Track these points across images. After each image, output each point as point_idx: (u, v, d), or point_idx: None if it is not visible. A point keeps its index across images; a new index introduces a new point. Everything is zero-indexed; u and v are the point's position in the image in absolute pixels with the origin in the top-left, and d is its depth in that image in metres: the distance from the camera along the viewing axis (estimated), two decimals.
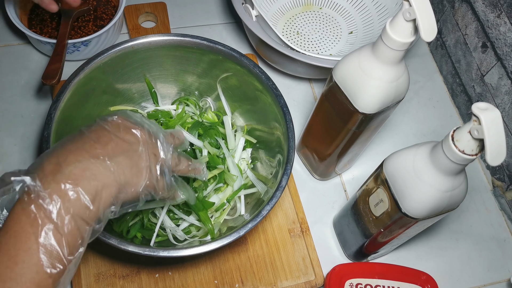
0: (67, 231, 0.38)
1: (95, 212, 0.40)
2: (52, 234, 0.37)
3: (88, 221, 0.40)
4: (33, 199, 0.37)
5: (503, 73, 0.72)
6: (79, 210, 0.39)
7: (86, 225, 0.39)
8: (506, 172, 0.75)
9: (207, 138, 0.65)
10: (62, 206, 0.38)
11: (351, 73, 0.53)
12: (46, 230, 0.37)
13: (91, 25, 0.80)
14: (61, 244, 0.37)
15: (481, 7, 0.74)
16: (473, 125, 0.41)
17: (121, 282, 0.63)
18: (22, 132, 0.73)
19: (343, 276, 0.61)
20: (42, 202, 0.37)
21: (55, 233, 0.37)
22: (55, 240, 0.37)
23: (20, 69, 0.78)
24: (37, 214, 0.37)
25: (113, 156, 0.42)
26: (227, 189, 0.64)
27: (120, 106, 0.68)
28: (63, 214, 0.38)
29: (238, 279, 0.65)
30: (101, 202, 0.40)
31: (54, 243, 0.37)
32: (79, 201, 0.39)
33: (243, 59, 0.63)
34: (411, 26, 0.46)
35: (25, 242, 0.37)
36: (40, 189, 0.38)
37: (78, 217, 0.39)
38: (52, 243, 0.37)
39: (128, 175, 0.43)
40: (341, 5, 0.88)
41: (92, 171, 0.40)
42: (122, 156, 0.43)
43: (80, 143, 0.42)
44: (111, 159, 0.42)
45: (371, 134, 0.63)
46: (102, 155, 0.42)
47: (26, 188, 0.38)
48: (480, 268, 0.72)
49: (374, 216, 0.57)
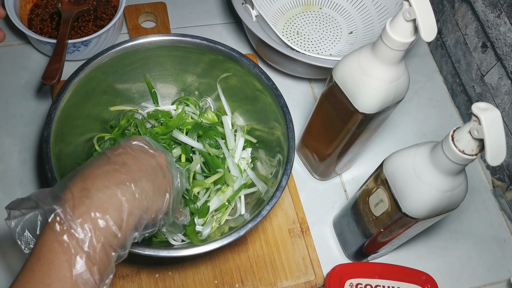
0: (99, 259, 0.38)
1: (122, 239, 0.41)
2: (85, 263, 0.38)
3: (115, 248, 0.40)
4: (66, 229, 0.38)
5: (503, 73, 0.72)
6: (108, 238, 0.39)
7: (114, 252, 0.40)
8: (506, 172, 0.75)
9: (206, 139, 0.65)
10: (93, 235, 0.38)
11: (351, 73, 0.53)
12: (79, 259, 0.37)
13: (91, 25, 0.80)
14: (93, 272, 0.38)
15: (481, 7, 0.74)
16: (473, 125, 0.41)
17: (121, 282, 0.63)
18: (22, 132, 0.73)
19: (343, 276, 0.61)
20: (74, 232, 0.38)
21: (88, 262, 0.38)
22: (88, 269, 0.38)
23: (20, 69, 0.78)
24: (69, 243, 0.37)
25: (137, 180, 0.43)
26: (227, 190, 0.64)
27: (120, 106, 0.68)
28: (94, 243, 0.38)
29: (238, 279, 0.65)
30: (127, 229, 0.41)
31: (88, 272, 0.38)
32: (109, 229, 0.39)
33: (243, 59, 0.63)
34: (411, 26, 0.46)
35: (60, 271, 0.37)
36: (72, 219, 0.38)
37: (107, 245, 0.39)
38: (85, 272, 0.38)
39: (150, 200, 0.44)
40: (341, 5, 0.88)
41: (119, 198, 0.41)
42: (145, 180, 0.43)
43: (106, 168, 0.42)
44: (136, 185, 0.42)
45: (371, 134, 0.63)
46: (128, 180, 0.42)
47: (57, 218, 0.38)
48: (480, 268, 0.72)
49: (374, 216, 0.57)
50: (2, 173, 0.69)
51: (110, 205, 0.40)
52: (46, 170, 0.55)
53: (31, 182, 0.69)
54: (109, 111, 0.68)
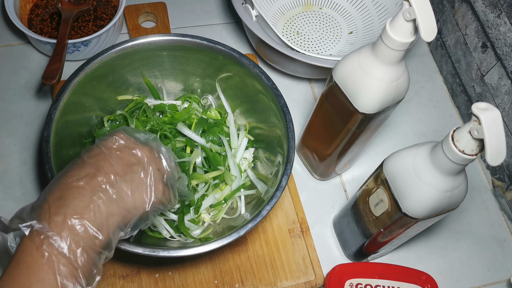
0: (81, 263, 0.39)
1: (104, 240, 0.41)
2: (68, 269, 0.38)
3: (98, 250, 0.41)
4: (44, 239, 0.38)
5: (503, 73, 0.72)
6: (89, 241, 0.40)
7: (97, 254, 0.41)
8: (506, 172, 0.75)
9: (210, 136, 0.65)
10: (71, 241, 0.39)
11: (351, 73, 0.53)
12: (61, 266, 0.38)
13: (91, 25, 0.80)
14: (78, 277, 0.39)
15: (481, 7, 0.74)
16: (473, 125, 0.41)
17: (121, 282, 0.63)
18: (22, 132, 0.73)
19: (343, 276, 0.61)
20: (52, 241, 0.38)
21: (70, 268, 0.38)
22: (71, 274, 0.38)
23: (20, 69, 0.78)
24: (49, 252, 0.38)
25: (115, 182, 0.43)
26: (225, 188, 0.64)
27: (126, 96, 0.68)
28: (74, 248, 0.39)
29: (238, 279, 0.65)
30: (110, 230, 0.42)
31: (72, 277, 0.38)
32: (87, 233, 0.40)
33: (243, 59, 0.63)
34: (411, 26, 0.46)
35: (39, 273, 0.38)
36: (49, 229, 0.39)
37: (88, 248, 0.40)
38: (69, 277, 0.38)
39: (132, 199, 0.44)
40: (341, 5, 0.88)
41: (96, 203, 0.41)
42: (124, 182, 0.44)
43: (81, 173, 0.43)
44: (113, 186, 0.43)
45: (371, 134, 0.63)
46: (104, 183, 0.42)
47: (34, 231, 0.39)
48: (480, 268, 0.72)
49: (374, 216, 0.57)
50: (2, 173, 0.70)
51: (86, 210, 0.41)
52: (46, 170, 0.55)
53: (31, 182, 0.69)
54: (110, 110, 0.68)
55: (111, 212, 0.42)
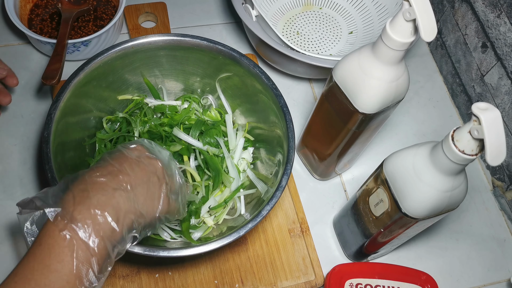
0: (98, 251, 0.41)
1: (120, 234, 0.44)
2: (85, 255, 0.41)
3: (114, 243, 0.43)
4: (67, 223, 0.41)
5: (503, 73, 0.72)
6: (107, 232, 0.42)
7: (112, 246, 0.43)
8: (506, 172, 0.75)
9: (207, 138, 0.65)
10: (93, 229, 0.41)
11: (351, 73, 0.53)
12: (80, 251, 0.40)
13: (91, 25, 0.80)
14: (92, 263, 0.41)
15: (481, 7, 0.74)
16: (473, 125, 0.41)
17: (121, 282, 0.63)
18: (22, 132, 0.73)
19: (343, 276, 0.61)
20: (75, 226, 0.41)
21: (87, 254, 0.41)
22: (87, 260, 0.41)
23: (20, 69, 0.78)
24: (72, 235, 0.40)
25: (133, 185, 0.46)
26: (225, 190, 0.64)
27: (126, 95, 0.68)
28: (94, 236, 0.41)
29: (238, 279, 0.65)
30: (124, 226, 0.44)
31: (87, 263, 0.41)
32: (107, 224, 0.42)
33: (243, 59, 0.63)
34: (411, 26, 0.46)
35: (59, 255, 0.40)
36: (72, 216, 0.41)
37: (106, 239, 0.42)
38: (85, 261, 0.41)
39: (145, 204, 0.47)
40: (341, 5, 0.88)
41: (116, 199, 0.44)
42: (140, 187, 0.46)
43: (104, 171, 0.46)
44: (132, 189, 0.46)
45: (371, 134, 0.63)
46: (124, 182, 0.45)
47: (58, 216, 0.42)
48: (480, 268, 0.72)
49: (374, 216, 0.57)
50: (2, 173, 0.70)
51: (107, 204, 0.43)
52: (46, 170, 0.55)
53: (31, 182, 0.69)
54: (109, 111, 0.68)
55: (127, 210, 0.44)
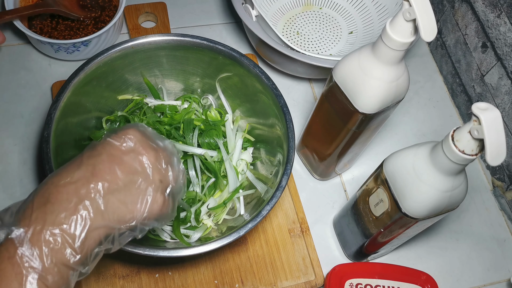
0: (52, 280, 0.37)
1: (82, 257, 0.39)
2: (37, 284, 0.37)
3: (73, 267, 0.39)
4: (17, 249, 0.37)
5: (503, 73, 0.72)
6: (64, 258, 0.38)
7: (71, 271, 0.39)
8: (506, 172, 0.75)
9: (206, 138, 0.65)
10: (45, 255, 0.37)
11: (351, 73, 0.53)
12: (30, 279, 0.37)
13: (91, 25, 0.80)
14: None
15: (481, 7, 0.74)
16: (473, 125, 0.41)
17: (121, 282, 0.63)
18: (22, 132, 0.73)
19: (343, 276, 0.62)
20: (27, 252, 0.37)
21: (40, 284, 0.37)
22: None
23: (20, 69, 0.78)
24: (20, 264, 0.37)
25: (108, 191, 0.41)
26: (224, 191, 0.64)
27: (126, 95, 0.68)
28: (47, 264, 0.37)
29: (238, 279, 0.65)
30: (89, 246, 0.39)
31: None
32: (64, 249, 0.38)
33: (243, 59, 0.63)
34: (411, 26, 0.46)
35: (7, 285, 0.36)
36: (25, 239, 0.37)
37: (62, 265, 0.38)
38: None
39: (121, 212, 0.41)
40: (341, 5, 0.88)
41: (81, 213, 0.39)
42: (118, 192, 0.41)
43: (75, 176, 0.41)
44: (104, 197, 0.40)
45: (371, 134, 0.63)
46: (95, 191, 0.40)
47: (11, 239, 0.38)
48: (480, 268, 0.72)
49: (374, 216, 0.57)
50: (2, 173, 0.69)
51: (68, 220, 0.38)
52: (46, 170, 0.55)
53: (31, 182, 0.69)
54: (110, 111, 0.68)
55: (95, 225, 0.39)
